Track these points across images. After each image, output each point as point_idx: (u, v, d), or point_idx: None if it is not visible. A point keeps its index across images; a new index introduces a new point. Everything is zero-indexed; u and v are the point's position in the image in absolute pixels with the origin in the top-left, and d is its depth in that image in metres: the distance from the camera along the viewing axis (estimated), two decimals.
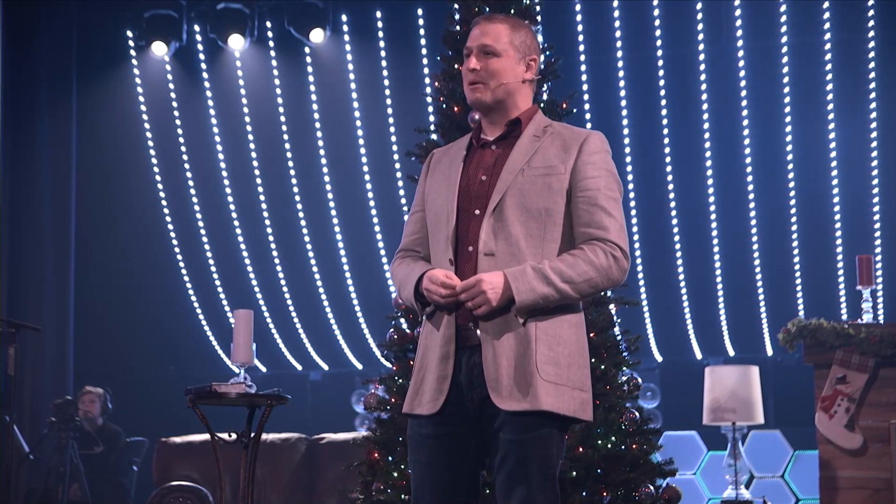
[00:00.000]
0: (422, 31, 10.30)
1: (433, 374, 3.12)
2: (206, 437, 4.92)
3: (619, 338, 5.40)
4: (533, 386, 3.02)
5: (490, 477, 3.16)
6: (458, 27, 5.64)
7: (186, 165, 10.78)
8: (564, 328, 3.09)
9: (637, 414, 5.25)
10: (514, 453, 3.03)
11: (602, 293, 4.53)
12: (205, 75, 10.77)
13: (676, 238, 9.97)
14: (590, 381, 3.14)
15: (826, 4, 9.61)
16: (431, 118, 6.42)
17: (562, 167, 3.12)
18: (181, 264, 10.83)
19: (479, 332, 3.08)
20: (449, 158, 3.28)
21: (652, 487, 5.15)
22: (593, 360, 5.21)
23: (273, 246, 10.72)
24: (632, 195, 9.87)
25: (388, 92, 10.41)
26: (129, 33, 10.70)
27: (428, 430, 3.13)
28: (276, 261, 10.72)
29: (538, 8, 5.65)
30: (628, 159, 9.82)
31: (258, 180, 10.71)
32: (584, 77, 9.93)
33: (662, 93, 9.92)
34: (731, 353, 10.14)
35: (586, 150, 3.14)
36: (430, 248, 3.24)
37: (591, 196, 3.10)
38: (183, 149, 10.77)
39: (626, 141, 9.84)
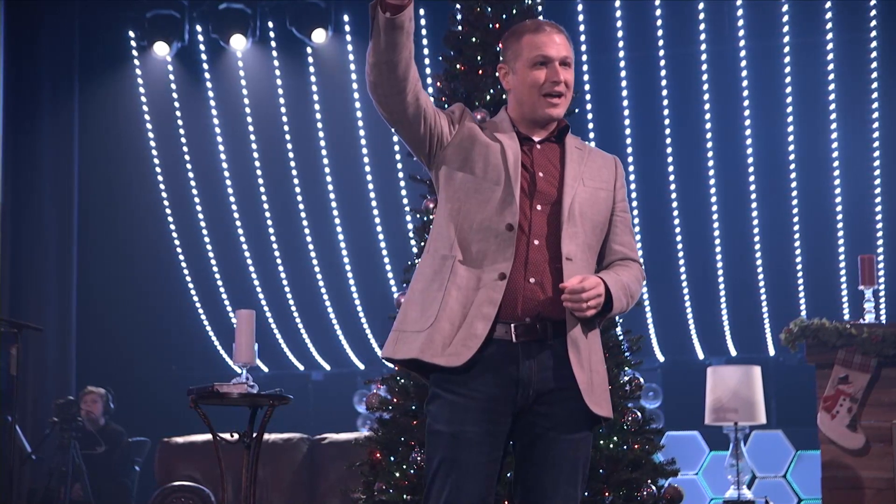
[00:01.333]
0: (423, 32, 10.29)
1: (464, 331, 3.02)
2: (208, 437, 4.93)
3: (621, 338, 5.40)
4: (607, 392, 3.17)
5: (515, 465, 3.15)
6: (459, 27, 5.65)
7: (188, 165, 10.78)
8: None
9: (639, 414, 5.25)
10: (569, 454, 3.10)
11: None
12: (207, 75, 10.77)
13: (678, 238, 9.97)
14: None
15: (828, 4, 9.61)
16: None
17: (609, 186, 3.24)
18: (183, 264, 10.83)
19: (537, 326, 3.04)
20: (497, 136, 3.17)
21: (654, 487, 5.15)
22: None
23: (275, 245, 10.72)
24: (634, 195, 9.86)
25: None
26: (131, 33, 10.70)
27: (475, 427, 3.03)
28: (278, 260, 10.72)
29: (540, 8, 5.65)
30: (630, 159, 9.82)
31: (260, 180, 10.71)
32: (585, 77, 9.92)
33: (664, 92, 9.92)
34: (733, 353, 10.13)
35: (620, 174, 3.29)
36: (458, 200, 3.12)
37: (625, 218, 3.27)
38: (185, 149, 10.77)
39: (628, 141, 9.84)
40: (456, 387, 3.05)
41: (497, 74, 3.35)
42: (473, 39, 5.53)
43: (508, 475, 3.84)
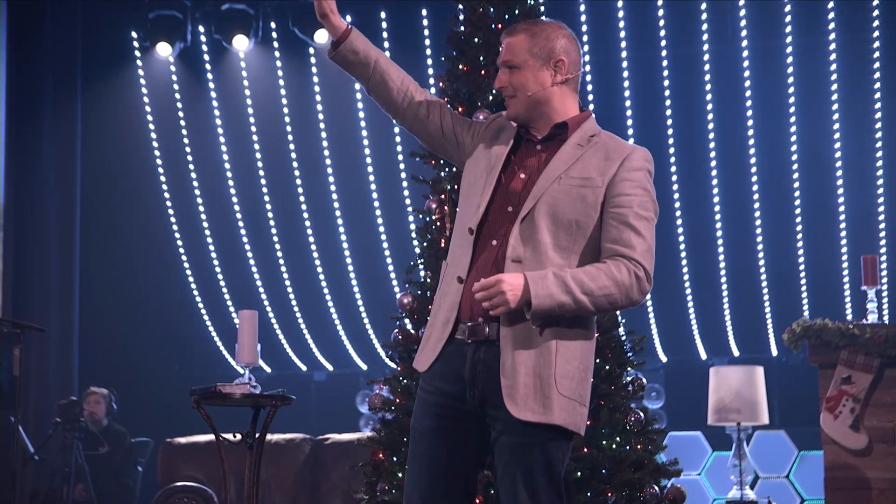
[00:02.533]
0: (426, 32, 10.30)
1: (435, 335, 3.16)
2: (211, 437, 4.93)
3: (623, 338, 5.39)
4: (549, 398, 3.03)
5: (492, 477, 3.17)
6: (462, 28, 5.64)
7: (191, 166, 10.78)
8: (580, 343, 3.10)
9: (642, 414, 5.25)
10: (518, 459, 3.04)
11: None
12: (209, 76, 10.78)
13: (681, 238, 9.97)
14: (588, 398, 3.15)
15: (830, 4, 9.60)
16: None
17: (599, 179, 3.12)
18: (186, 265, 10.84)
19: (486, 329, 3.08)
20: (502, 138, 3.25)
21: (657, 488, 5.15)
22: (598, 360, 5.21)
23: (277, 246, 10.72)
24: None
25: None
26: (134, 34, 10.70)
27: (429, 421, 3.13)
28: (281, 261, 10.72)
29: (542, 8, 5.65)
30: None
31: (262, 181, 10.71)
32: (588, 77, 9.92)
33: (667, 93, 9.92)
34: (736, 353, 10.13)
35: (627, 166, 3.16)
36: (459, 211, 3.24)
37: (623, 213, 3.10)
38: (187, 149, 10.78)
39: (631, 141, 9.80)
40: (423, 384, 3.20)
41: None
42: (476, 40, 5.52)
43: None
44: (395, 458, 5.25)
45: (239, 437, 4.90)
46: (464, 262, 3.13)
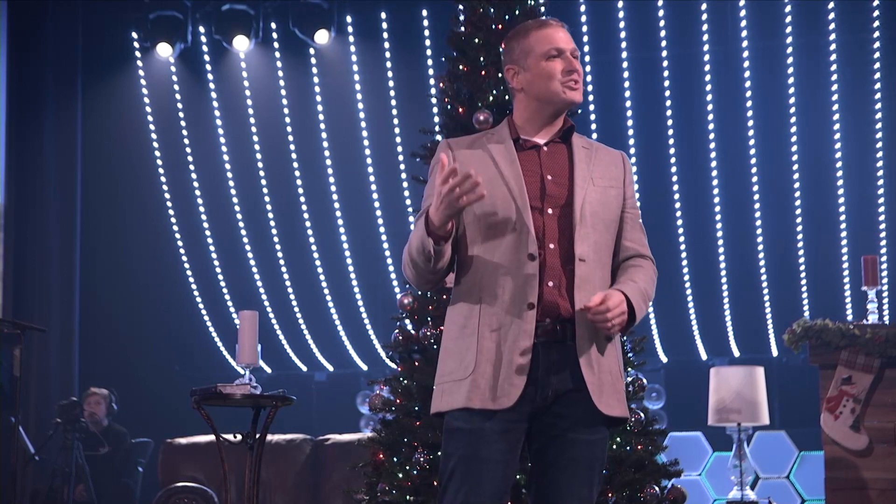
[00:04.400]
0: (426, 32, 10.30)
1: (508, 368, 3.05)
2: (212, 438, 4.93)
3: (624, 339, 5.39)
4: (621, 393, 3.17)
5: (534, 471, 3.18)
6: (462, 28, 5.64)
7: (191, 167, 10.78)
8: (618, 339, 3.25)
9: (642, 415, 5.25)
10: (585, 454, 3.11)
11: None
12: (210, 76, 10.78)
13: (681, 238, 9.96)
14: None
15: (831, 4, 9.60)
16: (436, 119, 6.41)
17: (619, 183, 3.28)
18: (186, 265, 10.84)
19: (558, 328, 3.09)
20: (483, 153, 3.21)
21: (657, 488, 5.15)
22: None
23: (278, 246, 10.72)
24: (637, 195, 9.84)
25: (392, 93, 10.41)
26: (135, 35, 10.70)
27: (493, 424, 3.05)
28: (281, 261, 10.72)
29: (543, 8, 5.65)
30: (633, 160, 9.81)
31: (263, 181, 10.71)
32: (588, 78, 9.92)
33: (667, 93, 9.92)
34: (737, 353, 10.12)
35: (628, 171, 3.35)
36: (474, 242, 3.15)
37: (635, 214, 3.32)
38: (188, 150, 10.78)
39: (631, 142, 9.84)
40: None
41: (505, 76, 3.34)
42: (476, 40, 5.52)
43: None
44: (395, 459, 5.24)
45: (239, 437, 4.90)
46: (532, 288, 3.07)
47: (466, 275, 3.16)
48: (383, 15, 10.42)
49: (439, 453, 3.30)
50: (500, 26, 5.49)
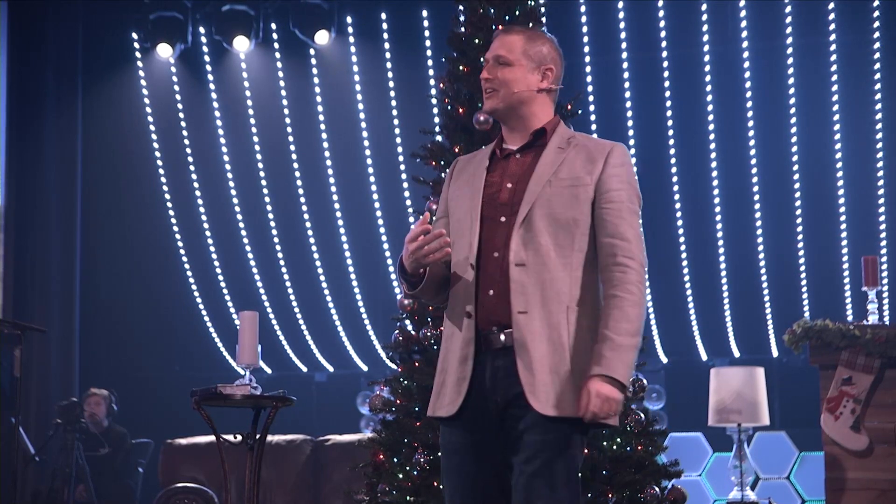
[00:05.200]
0: (427, 33, 10.30)
1: (452, 377, 3.20)
2: (212, 438, 4.93)
3: None
4: (567, 393, 3.11)
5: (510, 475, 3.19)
6: (462, 28, 5.64)
7: (192, 167, 10.78)
8: (592, 337, 3.17)
9: (642, 415, 5.25)
10: (541, 454, 3.09)
11: None
12: (210, 77, 10.78)
13: (681, 239, 9.96)
14: None
15: (831, 5, 9.60)
16: (436, 119, 6.42)
17: (588, 178, 3.21)
18: (186, 265, 10.84)
19: (501, 336, 3.15)
20: (472, 167, 3.36)
21: (657, 489, 5.15)
22: None
23: (278, 247, 10.72)
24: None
25: (392, 93, 10.41)
26: (135, 35, 10.70)
27: (456, 437, 3.21)
28: (282, 262, 10.72)
29: (543, 9, 5.65)
30: (633, 160, 9.78)
31: (263, 181, 10.71)
32: (588, 78, 9.92)
33: (667, 94, 9.91)
34: (737, 354, 10.12)
35: (611, 163, 3.24)
36: (452, 254, 3.27)
37: (616, 208, 3.20)
38: (188, 150, 10.78)
39: (632, 142, 9.83)
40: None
41: None
42: (476, 41, 5.52)
43: None
44: (395, 459, 5.25)
45: (239, 438, 4.90)
46: (469, 297, 3.18)
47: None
48: (383, 15, 10.42)
49: (439, 454, 3.34)
50: (500, 27, 5.49)
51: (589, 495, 5.02)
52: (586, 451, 5.02)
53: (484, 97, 3.33)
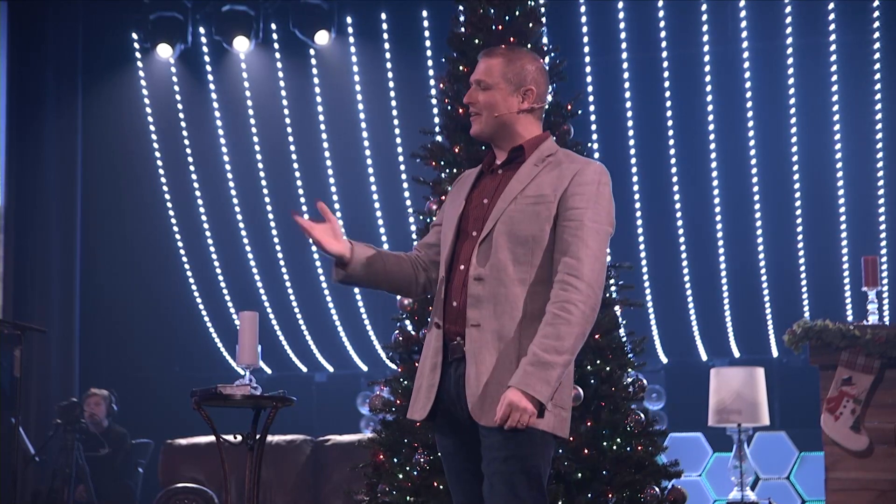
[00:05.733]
0: (427, 33, 10.30)
1: (425, 383, 3.33)
2: (212, 438, 4.93)
3: (624, 339, 5.40)
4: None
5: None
6: (462, 28, 5.64)
7: (192, 167, 10.78)
8: None
9: (642, 415, 5.25)
10: (496, 461, 3.16)
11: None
12: (210, 77, 10.78)
13: (682, 239, 9.96)
14: (570, 402, 3.27)
15: (831, 5, 9.60)
16: (436, 119, 6.42)
17: (552, 195, 3.25)
18: (186, 266, 10.84)
19: (465, 347, 3.25)
20: (465, 181, 3.49)
21: (657, 489, 5.15)
22: (599, 361, 5.22)
23: (278, 247, 10.72)
24: (637, 196, 9.86)
25: (392, 94, 10.41)
26: (135, 35, 10.70)
27: (446, 440, 3.35)
28: (281, 262, 10.72)
29: (543, 9, 5.65)
30: (633, 160, 9.81)
31: (263, 181, 10.71)
32: (588, 79, 9.92)
33: (667, 94, 9.91)
34: (737, 354, 10.12)
35: (577, 181, 3.25)
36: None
37: (573, 226, 3.21)
38: (188, 151, 10.78)
39: (632, 143, 9.83)
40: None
41: None
42: (477, 41, 5.52)
43: None
44: (395, 460, 5.25)
45: (240, 438, 4.90)
46: (439, 307, 3.32)
47: None
48: (383, 15, 10.42)
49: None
50: (500, 27, 5.50)
51: (589, 495, 5.02)
52: (586, 451, 5.05)
53: (470, 119, 3.41)
